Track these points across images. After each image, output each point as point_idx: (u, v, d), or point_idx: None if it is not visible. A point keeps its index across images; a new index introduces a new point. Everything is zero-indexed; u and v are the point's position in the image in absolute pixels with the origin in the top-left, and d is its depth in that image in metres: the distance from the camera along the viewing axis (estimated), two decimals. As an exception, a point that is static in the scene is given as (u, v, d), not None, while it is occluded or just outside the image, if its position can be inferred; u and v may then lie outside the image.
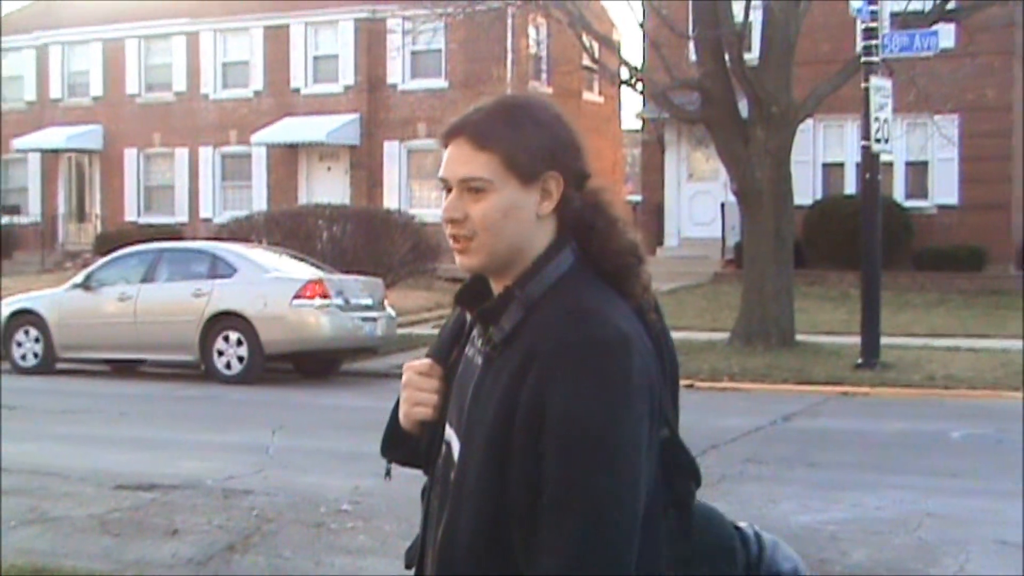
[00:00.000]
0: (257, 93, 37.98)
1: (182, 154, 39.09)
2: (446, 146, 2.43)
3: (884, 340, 18.42)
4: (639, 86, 22.48)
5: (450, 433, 2.47)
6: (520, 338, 2.33)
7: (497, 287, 2.43)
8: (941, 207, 30.06)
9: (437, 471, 2.51)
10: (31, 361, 19.61)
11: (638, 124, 35.73)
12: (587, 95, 37.90)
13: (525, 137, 2.38)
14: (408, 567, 2.69)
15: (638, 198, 36.25)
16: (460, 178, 2.38)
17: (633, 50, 63.72)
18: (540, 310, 2.34)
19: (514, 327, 2.35)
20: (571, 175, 2.41)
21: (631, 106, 52.24)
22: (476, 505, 2.32)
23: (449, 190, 2.42)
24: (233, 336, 18.21)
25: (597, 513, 2.22)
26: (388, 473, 2.73)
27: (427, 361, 2.54)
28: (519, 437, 2.27)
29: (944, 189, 30.14)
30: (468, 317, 2.53)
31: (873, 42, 18.18)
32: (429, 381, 2.52)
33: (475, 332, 2.49)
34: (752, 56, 20.74)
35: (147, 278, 19.23)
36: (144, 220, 38.82)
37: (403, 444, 2.60)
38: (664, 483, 2.37)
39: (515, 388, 2.28)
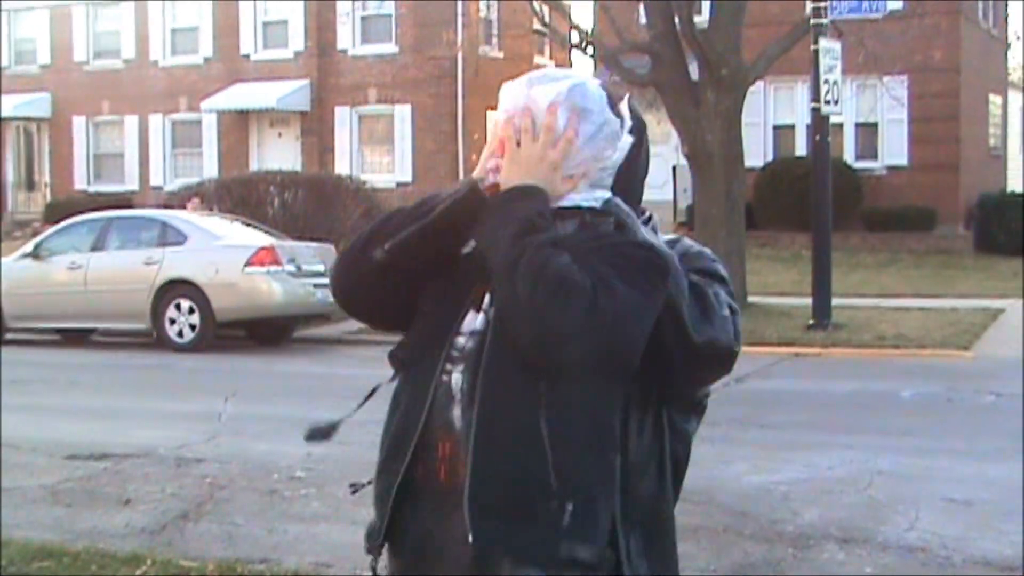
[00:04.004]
0: (207, 59, 37.66)
1: (131, 122, 38.77)
2: None
3: (835, 301, 18.54)
4: (589, 50, 22.43)
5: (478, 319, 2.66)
6: None
7: None
8: (891, 168, 30.26)
9: (460, 351, 2.66)
10: (-20, 332, 19.43)
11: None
12: (538, 59, 37.75)
13: None
14: (371, 552, 2.71)
15: (590, 161, 36.20)
16: None
17: (583, 13, 63.51)
18: None
19: None
20: None
21: (582, 70, 52.16)
22: None
23: None
24: (185, 304, 18.12)
25: None
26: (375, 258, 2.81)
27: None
28: None
29: (893, 150, 30.34)
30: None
31: (822, 4, 18.24)
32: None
33: None
34: (702, 19, 20.73)
35: (97, 246, 19.08)
36: (94, 188, 38.51)
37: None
38: None
39: None
